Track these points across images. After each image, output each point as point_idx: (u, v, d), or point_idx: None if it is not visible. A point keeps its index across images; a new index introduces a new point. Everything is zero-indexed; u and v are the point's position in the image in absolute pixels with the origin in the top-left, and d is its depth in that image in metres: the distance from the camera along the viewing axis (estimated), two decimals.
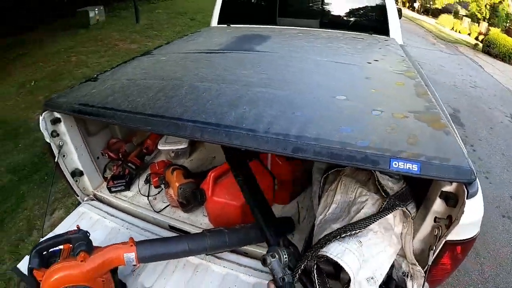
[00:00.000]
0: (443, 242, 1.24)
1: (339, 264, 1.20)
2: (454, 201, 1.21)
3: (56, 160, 2.06)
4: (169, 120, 1.44)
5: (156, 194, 2.18)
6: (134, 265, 1.50)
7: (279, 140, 1.22)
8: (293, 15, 3.39)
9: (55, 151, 2.03)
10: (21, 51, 9.31)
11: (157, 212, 2.03)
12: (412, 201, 1.45)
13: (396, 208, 1.34)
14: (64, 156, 2.11)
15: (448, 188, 1.22)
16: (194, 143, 2.47)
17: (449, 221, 1.23)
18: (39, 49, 9.21)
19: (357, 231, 1.29)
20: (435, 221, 1.30)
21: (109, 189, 2.21)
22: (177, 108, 1.51)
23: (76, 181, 2.20)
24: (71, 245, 1.49)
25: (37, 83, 7.63)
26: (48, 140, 2.01)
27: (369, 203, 1.41)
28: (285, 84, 1.78)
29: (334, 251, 1.24)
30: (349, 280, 1.19)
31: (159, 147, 2.31)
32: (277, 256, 1.33)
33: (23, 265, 1.89)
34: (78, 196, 2.25)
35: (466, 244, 1.25)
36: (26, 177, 5.13)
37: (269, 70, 1.98)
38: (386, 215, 1.34)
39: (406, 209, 1.34)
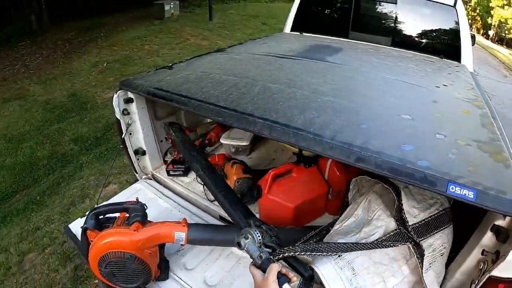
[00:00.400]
0: (487, 276, 1.20)
1: None
2: (505, 236, 1.19)
3: (123, 137, 2.19)
4: (241, 114, 1.49)
5: None
6: (182, 245, 1.56)
7: (343, 148, 1.24)
8: (365, 30, 3.38)
9: (123, 128, 2.16)
10: (98, 33, 9.85)
11: (210, 201, 2.10)
12: (439, 233, 1.38)
13: (406, 242, 1.30)
14: (130, 134, 2.24)
15: (501, 222, 1.20)
16: (255, 142, 2.52)
17: (496, 256, 1.21)
18: (115, 34, 9.71)
19: (355, 256, 1.28)
20: (482, 253, 1.27)
21: (167, 172, 2.31)
22: (249, 104, 1.56)
23: (138, 159, 2.32)
24: (126, 215, 1.58)
25: (109, 64, 8.04)
26: (118, 117, 2.14)
27: (381, 231, 1.37)
28: (353, 97, 1.81)
29: (326, 273, 1.22)
30: None
31: (222, 141, 2.38)
32: (250, 236, 1.33)
33: (74, 226, 2.03)
34: (137, 173, 2.37)
35: (510, 283, 1.22)
36: (87, 149, 5.42)
37: (338, 81, 2.00)
38: (390, 246, 1.30)
39: (417, 243, 1.29)
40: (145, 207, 1.58)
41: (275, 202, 1.81)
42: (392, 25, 3.30)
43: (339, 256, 1.27)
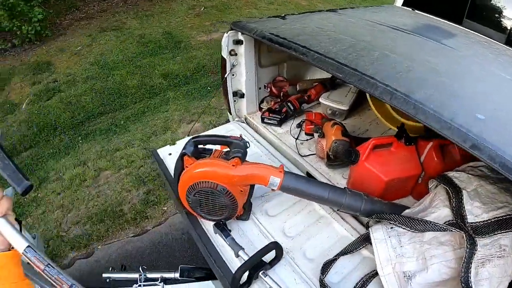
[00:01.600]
0: None
1: None
2: None
3: (226, 76, 2.25)
4: (362, 75, 1.48)
5: (304, 140, 2.26)
6: (272, 190, 1.59)
7: (461, 132, 1.21)
8: (480, 21, 3.18)
9: (228, 68, 2.23)
10: None
11: (301, 156, 2.12)
12: (501, 235, 1.33)
13: (458, 230, 1.33)
14: (233, 75, 2.31)
15: None
16: (351, 110, 2.49)
17: None
18: None
19: (406, 231, 1.42)
20: None
21: (262, 118, 2.36)
22: (369, 67, 1.55)
23: (235, 101, 2.39)
24: (225, 149, 1.64)
25: (206, 9, 8.21)
26: (225, 56, 2.20)
27: (433, 216, 1.44)
28: (468, 83, 1.75)
29: (377, 236, 1.45)
30: None
31: (321, 100, 2.37)
32: None
33: (162, 151, 2.16)
34: (230, 114, 2.44)
35: None
36: (175, 86, 5.65)
37: (453, 65, 1.94)
38: (441, 229, 1.36)
39: (471, 236, 1.29)
40: (248, 146, 1.63)
41: (369, 171, 1.79)
42: (510, 22, 3.07)
43: (392, 227, 1.45)
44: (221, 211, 1.61)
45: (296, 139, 2.21)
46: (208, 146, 1.68)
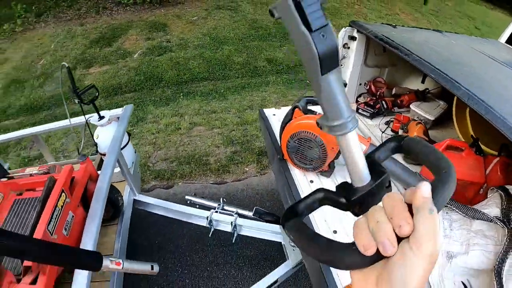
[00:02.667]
0: None
1: None
2: None
3: None
4: (450, 78, 1.80)
5: (389, 135, 2.61)
6: None
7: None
8: None
9: (339, 58, 2.67)
10: None
11: None
12: None
13: (502, 225, 1.54)
14: (341, 65, 2.75)
15: None
16: (437, 121, 2.83)
17: None
18: None
19: (457, 219, 1.65)
20: None
21: (357, 109, 2.77)
22: (458, 75, 1.84)
23: None
24: None
25: None
26: (338, 47, 2.65)
27: (486, 211, 1.65)
28: None
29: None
30: None
31: (412, 107, 2.70)
32: None
33: (267, 111, 2.75)
34: None
35: None
36: (277, 72, 6.38)
37: None
38: (487, 219, 1.58)
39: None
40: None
41: None
42: None
43: (447, 212, 1.67)
44: (312, 160, 2.02)
45: (383, 132, 2.58)
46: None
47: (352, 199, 0.53)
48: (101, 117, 2.64)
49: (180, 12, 8.25)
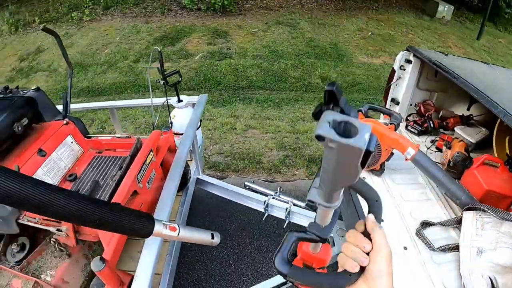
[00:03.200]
0: None
1: None
2: None
3: (391, 83, 3.07)
4: (490, 99, 2.09)
5: (433, 151, 2.95)
6: (406, 159, 2.24)
7: None
8: None
9: (395, 78, 3.04)
10: (370, 5, 10.93)
11: None
12: None
13: None
14: (396, 85, 3.11)
15: None
16: (479, 145, 3.06)
17: None
18: (385, 12, 10.66)
19: (490, 221, 1.89)
20: None
21: (406, 125, 3.13)
22: (496, 98, 2.13)
23: (390, 105, 3.21)
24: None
25: (373, 35, 9.04)
26: (395, 68, 3.01)
27: None
28: None
29: (466, 216, 1.97)
30: None
31: (456, 129, 2.97)
32: None
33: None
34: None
35: None
36: None
37: None
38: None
39: None
40: (402, 120, 2.39)
41: (475, 178, 2.36)
42: None
43: (480, 215, 1.94)
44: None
45: (428, 148, 2.92)
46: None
47: (325, 237, 0.76)
48: (179, 100, 3.09)
49: (241, 23, 8.83)
